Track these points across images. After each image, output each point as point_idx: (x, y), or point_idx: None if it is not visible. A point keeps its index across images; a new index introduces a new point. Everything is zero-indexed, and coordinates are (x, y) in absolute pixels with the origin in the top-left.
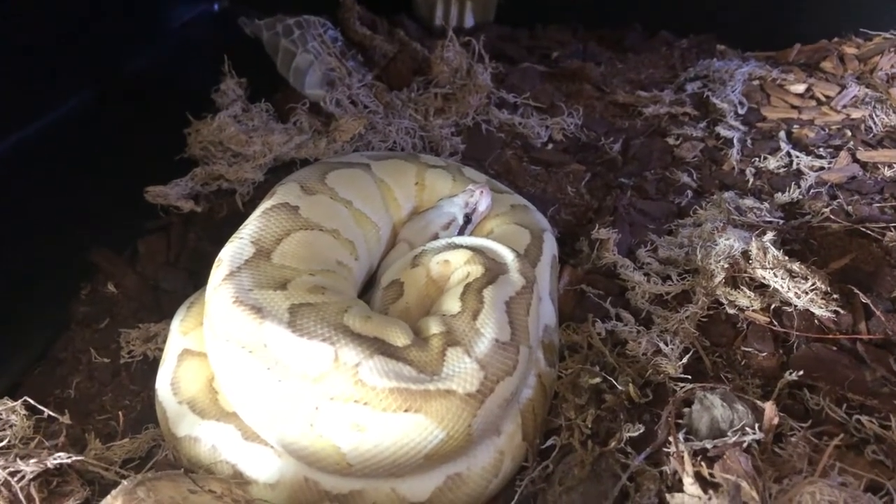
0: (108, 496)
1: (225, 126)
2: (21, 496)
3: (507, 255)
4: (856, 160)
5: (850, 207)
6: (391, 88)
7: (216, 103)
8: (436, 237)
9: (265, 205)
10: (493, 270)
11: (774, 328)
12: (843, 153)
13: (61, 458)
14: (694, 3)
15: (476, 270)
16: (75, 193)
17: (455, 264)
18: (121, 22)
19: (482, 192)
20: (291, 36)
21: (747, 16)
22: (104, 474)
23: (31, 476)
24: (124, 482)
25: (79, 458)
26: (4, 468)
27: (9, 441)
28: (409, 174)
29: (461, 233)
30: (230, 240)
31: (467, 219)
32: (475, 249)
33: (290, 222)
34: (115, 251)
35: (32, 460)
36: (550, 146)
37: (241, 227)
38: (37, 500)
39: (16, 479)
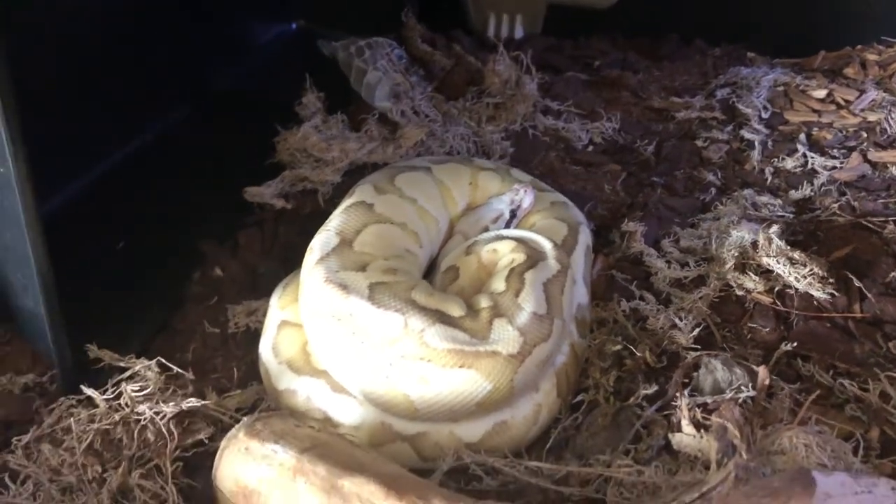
0: (233, 429)
1: (308, 135)
2: (164, 430)
3: (546, 245)
4: (867, 160)
5: (856, 203)
6: (448, 99)
7: (299, 115)
8: (486, 230)
9: (346, 203)
10: (534, 257)
11: (777, 307)
12: (855, 154)
13: (192, 402)
14: (727, 14)
15: (519, 257)
16: (185, 193)
17: (502, 252)
18: (211, 43)
19: (526, 190)
20: (363, 56)
21: (776, 25)
22: (222, 418)
23: (171, 416)
24: (244, 419)
25: (205, 403)
26: (150, 409)
27: (150, 390)
28: (464, 176)
29: (507, 226)
30: (319, 231)
31: (513, 214)
32: (519, 240)
33: (367, 217)
34: (220, 242)
35: (170, 404)
36: (590, 148)
37: (327, 221)
38: (175, 434)
39: (159, 417)
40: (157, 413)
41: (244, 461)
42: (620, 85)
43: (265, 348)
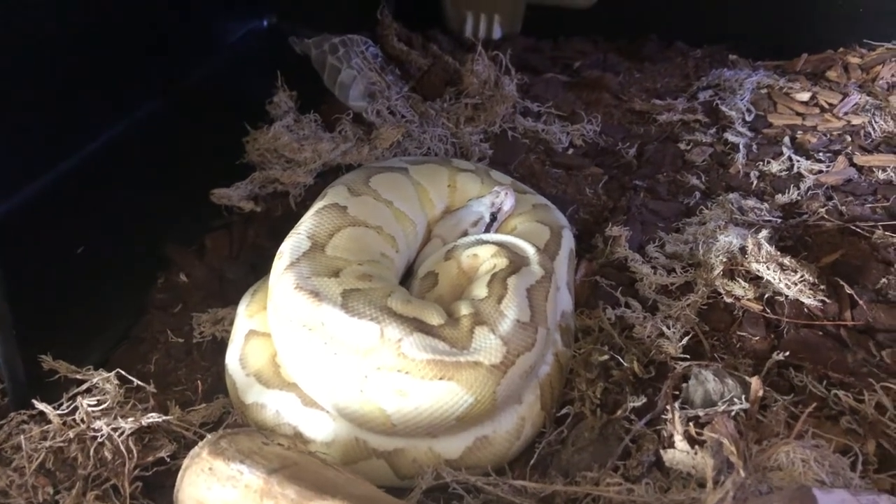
0: (196, 447)
1: (279, 135)
2: (122, 448)
3: (529, 250)
4: (852, 164)
5: (843, 208)
6: (426, 99)
7: (270, 114)
8: (465, 234)
9: (318, 205)
10: (517, 262)
11: (767, 315)
12: (840, 157)
13: (153, 417)
14: (708, 15)
15: (501, 262)
16: (149, 194)
17: (483, 257)
18: (179, 39)
19: (507, 193)
20: (337, 53)
21: (758, 27)
22: (186, 434)
23: (129, 432)
24: (209, 436)
25: (167, 418)
26: (108, 425)
27: (108, 405)
28: (442, 177)
29: (488, 230)
30: (289, 235)
31: (493, 217)
32: (500, 244)
33: (340, 220)
34: (185, 246)
35: (130, 419)
36: (571, 151)
37: (297, 225)
38: (134, 451)
39: (117, 434)
40: (114, 429)
41: (208, 482)
42: (601, 86)
43: (232, 359)
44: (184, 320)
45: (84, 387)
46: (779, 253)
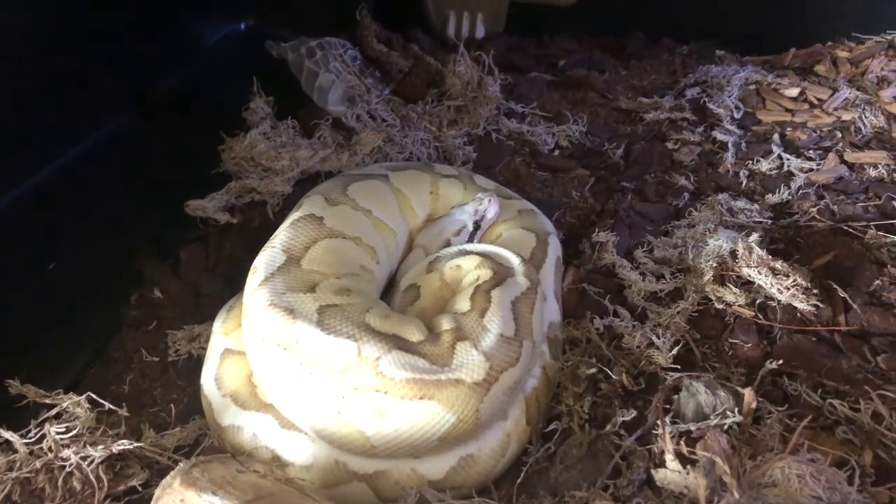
0: (168, 476)
1: (256, 143)
2: (92, 477)
3: (514, 260)
4: (843, 161)
5: (835, 207)
6: (407, 102)
7: (246, 121)
8: (448, 243)
9: (293, 216)
10: (501, 274)
11: (759, 321)
12: (831, 155)
13: (124, 444)
14: (694, 11)
15: (485, 274)
16: (122, 207)
17: (466, 269)
18: (155, 43)
19: (490, 199)
20: (314, 57)
21: (745, 21)
22: (159, 459)
23: (100, 460)
24: (181, 464)
25: (138, 444)
26: (76, 453)
27: (78, 431)
28: (423, 184)
29: (471, 238)
30: (263, 249)
31: (477, 225)
32: (484, 255)
33: (317, 231)
34: (160, 260)
35: (100, 447)
36: (557, 153)
37: (272, 238)
38: (105, 481)
39: (86, 462)
40: (84, 458)
41: None
42: (586, 85)
43: (207, 379)
44: (158, 338)
45: (53, 412)
46: (770, 257)
